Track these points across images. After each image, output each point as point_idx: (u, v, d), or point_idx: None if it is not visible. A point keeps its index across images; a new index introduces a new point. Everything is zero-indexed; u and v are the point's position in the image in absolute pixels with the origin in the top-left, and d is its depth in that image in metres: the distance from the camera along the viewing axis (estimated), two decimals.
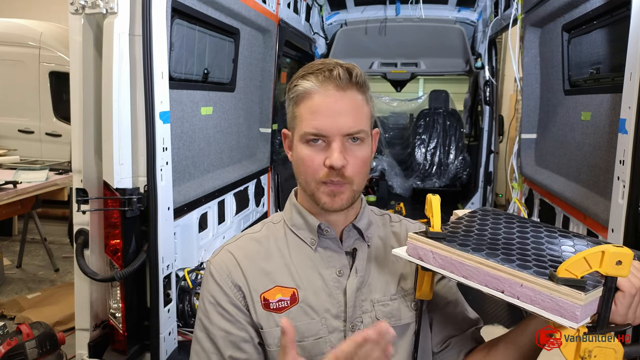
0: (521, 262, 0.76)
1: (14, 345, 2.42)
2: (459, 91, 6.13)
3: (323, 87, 0.95)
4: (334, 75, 0.94)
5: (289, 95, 1.01)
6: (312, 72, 0.97)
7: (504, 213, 0.99)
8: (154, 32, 1.77)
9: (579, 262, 0.70)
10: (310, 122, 0.95)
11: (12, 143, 5.48)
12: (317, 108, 0.94)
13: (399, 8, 4.21)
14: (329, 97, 0.94)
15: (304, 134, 0.96)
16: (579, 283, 0.69)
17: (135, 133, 1.82)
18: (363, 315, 1.00)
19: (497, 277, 0.76)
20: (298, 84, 0.97)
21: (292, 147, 1.03)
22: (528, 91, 3.09)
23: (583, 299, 0.67)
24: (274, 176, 3.68)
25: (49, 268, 4.50)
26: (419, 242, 0.86)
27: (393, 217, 1.16)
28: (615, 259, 0.68)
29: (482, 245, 0.82)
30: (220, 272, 1.01)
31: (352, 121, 0.95)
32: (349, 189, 0.97)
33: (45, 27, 5.62)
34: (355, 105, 0.96)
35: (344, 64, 0.97)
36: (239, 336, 0.98)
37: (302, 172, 0.99)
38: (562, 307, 0.69)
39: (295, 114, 0.99)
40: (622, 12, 2.02)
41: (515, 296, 0.74)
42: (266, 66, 3.31)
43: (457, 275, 0.81)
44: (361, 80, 0.97)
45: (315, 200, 0.99)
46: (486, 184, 4.53)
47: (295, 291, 0.99)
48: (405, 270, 1.05)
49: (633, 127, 1.63)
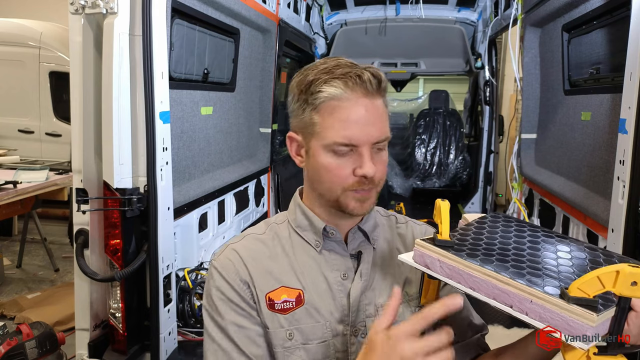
0: (531, 276, 0.73)
1: (14, 345, 2.42)
2: (459, 91, 6.13)
3: (354, 95, 0.90)
4: (365, 80, 0.90)
5: (305, 98, 0.94)
6: (337, 77, 0.91)
7: (515, 219, 0.96)
8: (154, 32, 1.77)
9: (592, 281, 0.67)
10: (340, 131, 0.90)
11: (12, 143, 5.47)
12: (347, 117, 0.90)
13: (399, 8, 4.21)
14: (360, 105, 0.90)
15: (332, 143, 0.91)
16: (591, 303, 0.66)
17: (135, 133, 1.82)
18: (367, 320, 0.98)
19: (506, 292, 0.73)
20: (322, 90, 0.91)
21: (305, 153, 0.99)
22: (528, 91, 3.09)
23: (595, 320, 0.65)
24: (274, 176, 3.68)
25: (49, 268, 4.49)
26: (426, 249, 0.84)
27: (399, 219, 1.13)
28: (631, 279, 0.65)
29: (492, 256, 0.79)
30: (227, 270, 0.98)
31: (381, 129, 0.92)
32: (375, 192, 0.97)
33: (45, 27, 5.62)
34: (381, 113, 0.93)
35: (370, 67, 0.92)
36: (254, 330, 0.96)
37: (327, 181, 0.95)
38: (572, 327, 0.67)
39: (315, 120, 0.93)
40: (622, 12, 2.02)
41: (524, 312, 0.72)
42: (266, 66, 3.31)
43: (465, 287, 0.78)
44: (386, 86, 0.95)
45: (340, 206, 0.96)
46: (486, 184, 4.53)
47: (301, 292, 0.97)
48: (410, 275, 1.03)
49: (633, 127, 1.63)
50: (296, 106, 0.97)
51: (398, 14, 4.24)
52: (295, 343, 0.95)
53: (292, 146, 1.02)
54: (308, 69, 0.96)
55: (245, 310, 0.97)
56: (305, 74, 0.96)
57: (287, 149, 1.06)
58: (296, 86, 0.97)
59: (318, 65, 0.95)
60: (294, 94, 0.98)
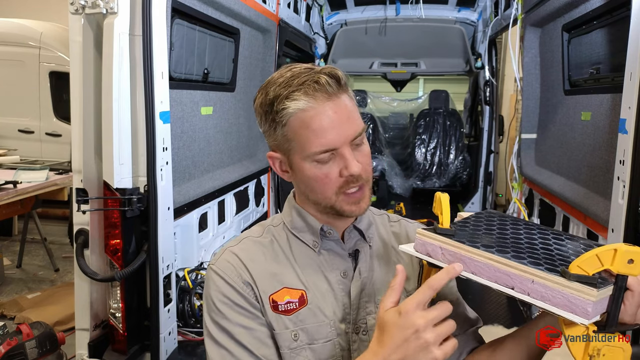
0: (532, 259, 0.76)
1: (14, 345, 2.42)
2: (459, 91, 6.13)
3: (317, 102, 0.90)
4: (322, 84, 0.90)
5: (272, 118, 0.94)
6: (296, 89, 0.90)
7: (510, 217, 0.98)
8: (154, 32, 1.77)
9: (591, 259, 0.70)
10: (316, 141, 0.91)
11: (12, 143, 5.47)
12: (319, 125, 0.90)
13: (399, 8, 4.21)
14: (327, 109, 0.91)
15: (312, 154, 0.92)
16: (591, 280, 0.69)
17: (135, 133, 1.82)
18: (367, 317, 0.99)
19: (507, 274, 0.76)
20: (285, 106, 0.91)
21: (289, 168, 0.99)
22: (528, 91, 3.09)
23: (595, 295, 0.68)
24: (274, 176, 3.68)
25: (49, 268, 4.49)
26: (427, 238, 0.86)
27: (391, 217, 1.15)
28: (627, 257, 0.68)
29: (492, 243, 0.82)
30: (229, 272, 0.97)
31: (354, 125, 0.93)
32: (367, 187, 0.97)
33: (45, 27, 5.62)
34: (350, 109, 0.94)
35: (325, 68, 0.93)
36: (262, 331, 0.95)
37: (319, 190, 0.95)
38: (573, 304, 0.69)
39: (289, 136, 0.94)
40: (622, 12, 2.02)
41: (525, 292, 0.74)
42: (266, 66, 3.31)
43: (467, 272, 0.80)
44: (345, 81, 0.95)
45: (336, 210, 0.96)
46: (486, 184, 4.53)
47: (303, 293, 0.97)
48: (408, 271, 1.04)
49: (633, 127, 1.63)
50: (266, 127, 0.98)
51: (398, 14, 4.24)
52: (300, 344, 0.95)
53: (276, 164, 1.02)
54: (267, 87, 0.96)
55: (251, 312, 0.95)
56: (265, 93, 0.96)
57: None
58: (260, 107, 0.98)
59: (275, 80, 0.95)
60: (260, 115, 0.98)
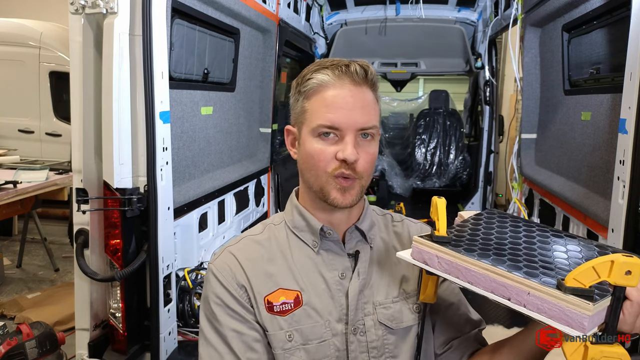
0: (528, 268, 0.75)
1: (14, 345, 2.42)
2: (459, 91, 6.13)
3: (339, 81, 0.95)
4: (351, 70, 0.95)
5: (299, 89, 0.99)
6: (326, 67, 0.97)
7: (510, 215, 0.98)
8: (154, 32, 1.77)
9: (588, 272, 0.68)
10: (324, 114, 0.94)
11: (12, 143, 5.47)
12: (332, 101, 0.94)
13: (399, 8, 4.21)
14: (346, 90, 0.94)
15: (317, 127, 0.95)
16: (587, 293, 0.68)
17: (135, 133, 1.82)
18: (365, 318, 0.99)
19: (503, 284, 0.75)
20: (312, 77, 0.97)
21: (297, 144, 1.02)
22: (528, 91, 3.09)
23: (591, 309, 0.66)
24: (274, 176, 3.68)
25: (49, 268, 4.49)
26: (424, 246, 0.85)
27: (395, 217, 1.15)
28: (625, 269, 0.67)
29: (489, 251, 0.81)
30: (224, 274, 0.99)
31: (367, 116, 0.95)
32: (359, 184, 0.97)
33: (45, 27, 5.62)
34: (369, 102, 0.96)
35: (359, 61, 0.97)
36: (251, 336, 0.97)
37: (312, 166, 0.97)
38: (569, 317, 0.68)
39: (305, 108, 0.98)
40: (622, 12, 2.03)
41: (521, 304, 0.73)
42: (266, 66, 3.31)
43: (463, 281, 0.79)
44: (375, 79, 0.98)
45: (324, 195, 0.97)
46: (486, 184, 4.53)
47: (299, 294, 0.98)
48: (407, 272, 1.05)
49: (633, 127, 1.63)
50: (292, 100, 1.02)
51: (398, 14, 4.24)
52: (295, 344, 0.96)
53: (288, 139, 1.06)
54: (307, 67, 1.01)
55: (241, 316, 0.97)
56: (302, 72, 1.01)
57: (287, 149, 1.08)
58: (294, 82, 1.03)
59: (315, 62, 1.01)
60: (292, 90, 1.03)
